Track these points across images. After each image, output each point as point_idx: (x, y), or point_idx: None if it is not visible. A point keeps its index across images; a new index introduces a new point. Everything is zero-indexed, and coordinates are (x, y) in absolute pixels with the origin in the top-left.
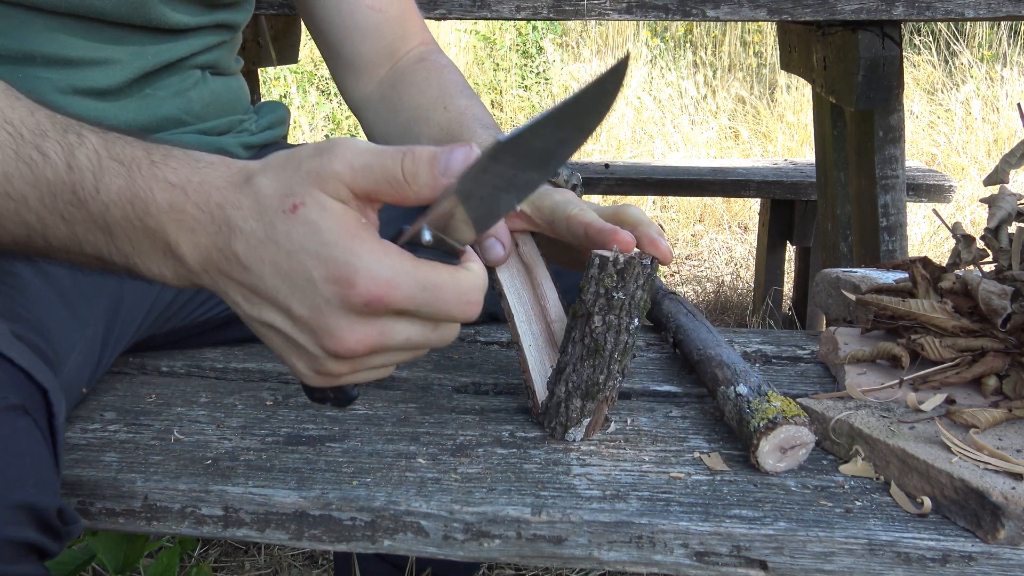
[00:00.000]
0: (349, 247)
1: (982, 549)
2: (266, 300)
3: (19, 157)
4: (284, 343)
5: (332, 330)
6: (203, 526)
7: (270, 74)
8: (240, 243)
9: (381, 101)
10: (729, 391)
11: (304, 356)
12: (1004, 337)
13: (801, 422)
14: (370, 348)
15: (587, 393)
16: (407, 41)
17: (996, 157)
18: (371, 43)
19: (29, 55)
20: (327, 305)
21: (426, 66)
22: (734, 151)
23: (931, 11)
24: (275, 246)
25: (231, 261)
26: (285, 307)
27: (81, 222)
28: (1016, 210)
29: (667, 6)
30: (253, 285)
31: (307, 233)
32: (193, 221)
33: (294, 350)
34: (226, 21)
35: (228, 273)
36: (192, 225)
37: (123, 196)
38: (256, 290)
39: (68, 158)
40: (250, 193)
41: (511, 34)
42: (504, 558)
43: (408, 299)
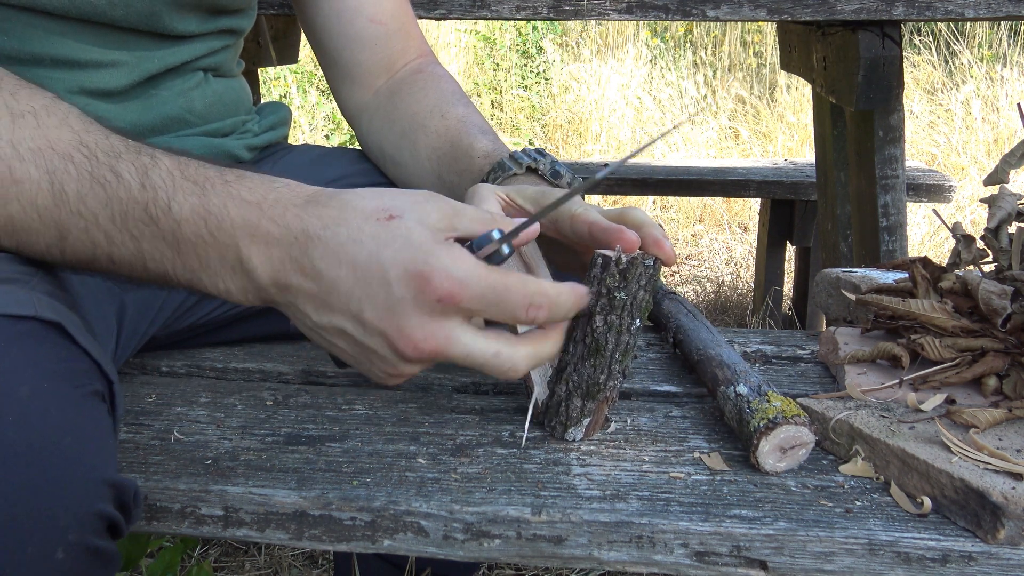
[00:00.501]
0: (430, 249)
1: (982, 549)
2: (337, 307)
3: (93, 178)
4: (354, 348)
5: (403, 329)
6: (203, 526)
7: (270, 74)
8: (318, 250)
9: (377, 111)
10: (729, 391)
11: (375, 359)
12: (1004, 337)
13: (801, 422)
14: (436, 350)
15: (587, 393)
16: (405, 53)
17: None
18: (369, 54)
19: (38, 57)
20: (400, 304)
21: (423, 77)
22: (734, 151)
23: (931, 11)
24: (357, 247)
25: (304, 271)
26: (357, 312)
27: (150, 239)
28: (1016, 210)
29: (667, 6)
30: (326, 292)
31: (394, 237)
32: (267, 235)
33: (364, 354)
34: (231, 27)
35: (299, 285)
36: (266, 239)
37: (196, 213)
38: (328, 298)
39: (142, 178)
40: (335, 205)
41: (511, 34)
42: (504, 558)
43: (478, 298)
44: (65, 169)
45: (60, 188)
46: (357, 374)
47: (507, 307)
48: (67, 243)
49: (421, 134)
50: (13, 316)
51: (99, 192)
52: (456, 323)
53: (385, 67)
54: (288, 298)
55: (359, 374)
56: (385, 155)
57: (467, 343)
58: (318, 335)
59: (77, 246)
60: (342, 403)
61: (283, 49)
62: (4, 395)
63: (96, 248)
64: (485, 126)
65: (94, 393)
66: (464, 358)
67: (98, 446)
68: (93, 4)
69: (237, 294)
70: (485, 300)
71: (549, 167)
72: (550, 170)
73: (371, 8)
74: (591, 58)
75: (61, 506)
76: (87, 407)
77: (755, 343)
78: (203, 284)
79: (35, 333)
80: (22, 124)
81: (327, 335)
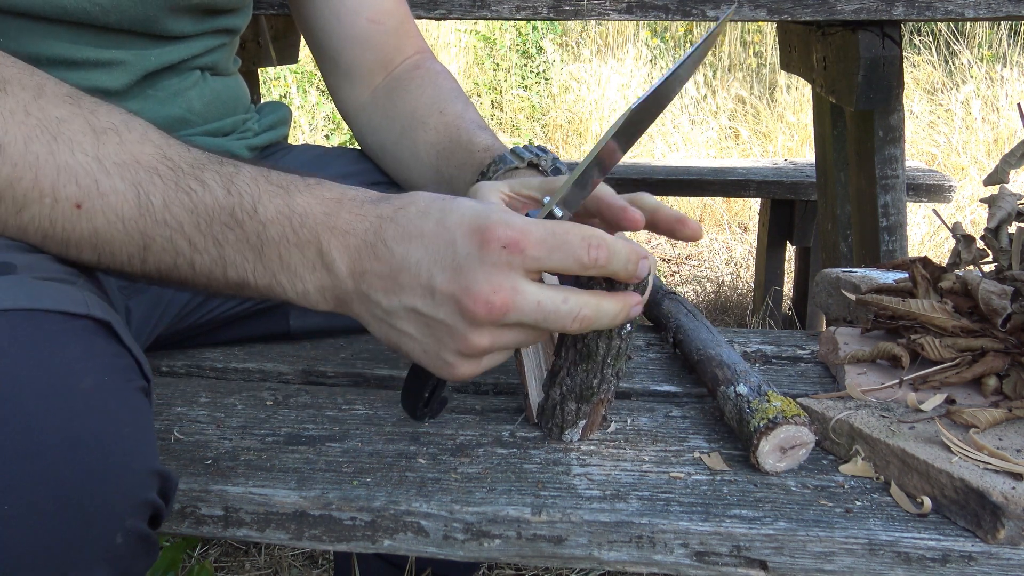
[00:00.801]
0: (490, 208)
1: (982, 549)
2: (406, 283)
3: (179, 187)
4: (424, 330)
5: (471, 287)
6: (203, 526)
7: (270, 74)
8: (390, 229)
9: (375, 108)
10: (729, 391)
11: (446, 337)
12: (1004, 337)
13: (801, 422)
14: (506, 303)
15: (581, 396)
16: (403, 51)
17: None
18: (369, 54)
19: (34, 58)
20: (467, 261)
21: (420, 73)
22: (734, 151)
23: (931, 11)
24: (425, 219)
25: (377, 251)
26: (427, 282)
27: (233, 243)
28: (1016, 210)
29: (667, 6)
30: (397, 270)
31: (458, 205)
32: (347, 224)
33: (433, 336)
34: (226, 26)
35: (373, 268)
36: (345, 228)
37: (282, 213)
38: (399, 275)
39: (227, 185)
40: (406, 196)
41: (511, 34)
42: (504, 558)
43: (540, 242)
44: (151, 180)
45: (146, 199)
46: (356, 373)
47: (569, 248)
48: (150, 252)
49: (420, 131)
50: (71, 314)
51: (184, 200)
52: (522, 275)
53: (383, 65)
54: (362, 288)
55: (357, 375)
56: (385, 152)
57: (536, 291)
58: (389, 326)
59: (160, 255)
60: (342, 403)
61: (283, 49)
62: (69, 387)
63: (178, 256)
64: (483, 123)
65: (140, 388)
66: (535, 308)
67: (149, 438)
68: (87, 11)
69: (315, 294)
70: (547, 244)
71: (551, 163)
72: (551, 166)
73: (370, 9)
74: (591, 58)
75: (120, 493)
76: (138, 401)
77: (755, 343)
78: (282, 287)
79: (90, 330)
80: (105, 140)
81: (397, 322)
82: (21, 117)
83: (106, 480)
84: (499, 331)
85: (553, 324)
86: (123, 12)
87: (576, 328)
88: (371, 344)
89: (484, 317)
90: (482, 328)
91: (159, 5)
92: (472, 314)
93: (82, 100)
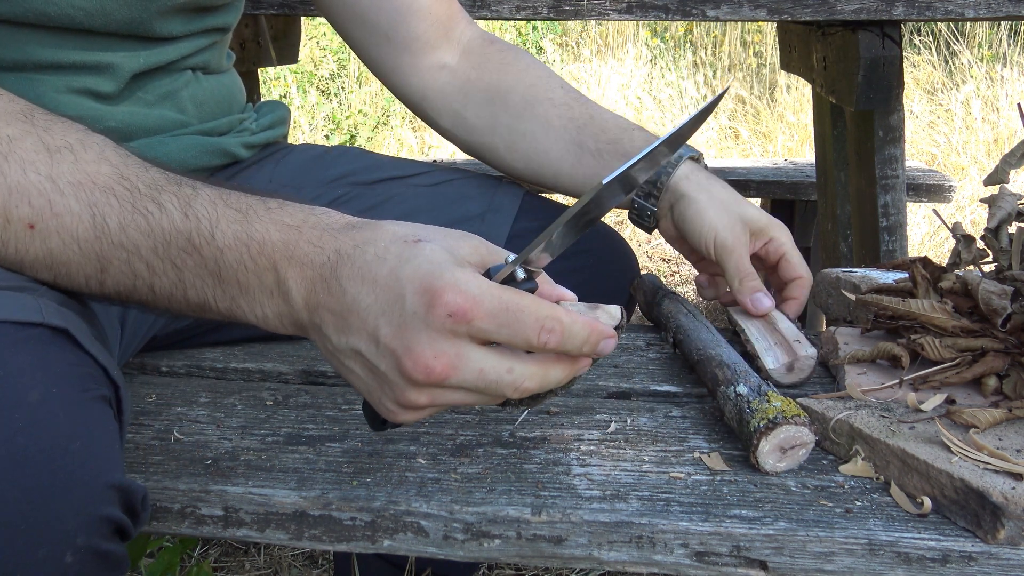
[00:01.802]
0: (446, 267)
1: (982, 549)
2: (354, 325)
3: (136, 209)
4: (367, 374)
5: (413, 347)
6: (203, 526)
7: (270, 74)
8: (345, 269)
9: (469, 85)
10: (729, 391)
11: (386, 386)
12: (1004, 337)
13: (801, 422)
14: (446, 369)
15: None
16: (455, 18)
17: (996, 157)
18: (427, 23)
19: (20, 63)
20: (412, 320)
21: (506, 47)
22: (734, 151)
23: (931, 11)
24: (380, 264)
25: (331, 287)
26: (373, 330)
27: (192, 268)
28: (1016, 210)
29: (667, 6)
30: (347, 311)
31: (415, 255)
32: (304, 256)
33: (376, 381)
34: (216, 25)
35: (326, 303)
36: (303, 259)
37: (239, 239)
38: (348, 316)
39: (184, 208)
40: (369, 228)
41: (511, 34)
42: (504, 558)
43: (490, 316)
44: (107, 202)
45: (102, 220)
46: None
47: (520, 328)
48: (107, 275)
49: (548, 105)
50: (21, 323)
51: (141, 223)
52: (467, 343)
53: (444, 33)
54: (316, 320)
55: None
56: (499, 126)
57: (479, 359)
58: (338, 361)
59: (118, 277)
60: (342, 403)
61: (283, 49)
62: (14, 400)
63: (137, 279)
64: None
65: (101, 398)
66: (476, 376)
67: (105, 450)
68: (70, 16)
69: (273, 320)
70: (497, 319)
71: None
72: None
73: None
74: (591, 58)
75: (70, 510)
76: (95, 412)
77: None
78: (242, 311)
79: (43, 338)
80: (59, 159)
81: (345, 359)
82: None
83: (52, 497)
84: (439, 391)
85: (494, 392)
86: (108, 16)
87: (518, 396)
88: None
89: (422, 380)
90: (420, 389)
91: (146, 8)
92: (410, 375)
93: (36, 117)
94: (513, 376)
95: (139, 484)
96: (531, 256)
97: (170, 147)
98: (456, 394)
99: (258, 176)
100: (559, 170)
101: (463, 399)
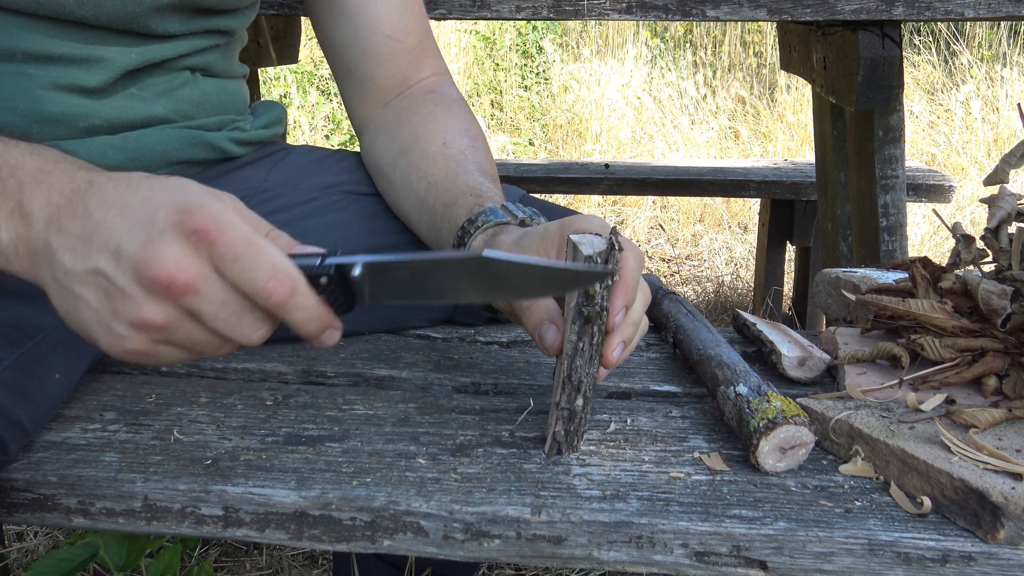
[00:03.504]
0: (204, 198)
1: (982, 549)
2: (96, 245)
3: None
4: (100, 297)
5: (157, 255)
6: (203, 526)
7: (270, 74)
8: (96, 194)
9: (382, 125)
10: (729, 391)
11: (121, 304)
12: (1004, 337)
13: (801, 422)
14: (188, 282)
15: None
16: (420, 71)
17: (996, 157)
18: (384, 70)
19: (9, 51)
20: (160, 234)
21: (434, 98)
22: (734, 151)
23: (931, 11)
24: (132, 192)
25: (76, 210)
26: (116, 245)
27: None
28: (1016, 210)
29: (667, 6)
30: (91, 229)
31: (173, 184)
32: (55, 181)
33: (109, 303)
34: (219, 27)
35: (69, 227)
36: (52, 184)
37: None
38: (91, 235)
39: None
40: (128, 173)
41: (511, 34)
42: (504, 558)
43: (232, 244)
44: None
45: None
46: (355, 373)
47: (252, 266)
48: None
49: (419, 156)
50: None
51: None
52: (212, 271)
53: (398, 83)
54: (53, 244)
55: (356, 375)
56: (380, 170)
57: (224, 292)
58: (66, 291)
59: None
60: (342, 403)
61: (283, 49)
62: None
63: None
64: (486, 164)
65: None
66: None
67: None
68: (61, 4)
69: (8, 245)
70: (237, 250)
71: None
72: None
73: (389, 25)
74: (591, 58)
75: None
76: None
77: (755, 343)
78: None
79: None
80: None
81: (76, 285)
82: None
83: None
84: (176, 316)
85: (224, 332)
86: (100, 7)
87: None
88: (371, 344)
89: (163, 289)
90: (159, 302)
91: (140, 2)
92: (152, 282)
93: None
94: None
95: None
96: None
97: (151, 139)
98: (190, 330)
99: (254, 175)
100: (410, 222)
101: (197, 338)
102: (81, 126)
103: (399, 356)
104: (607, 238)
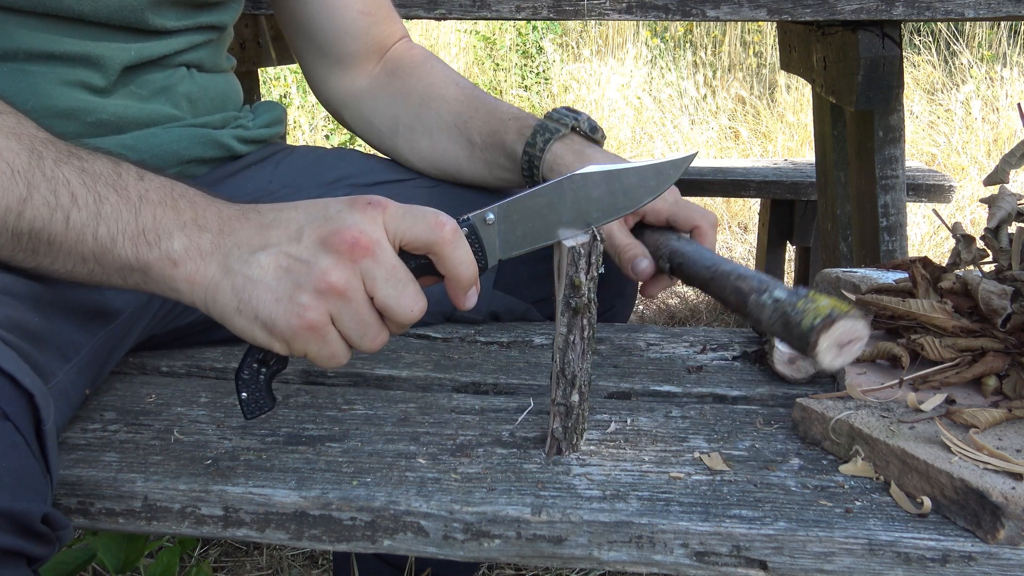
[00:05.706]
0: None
1: (982, 549)
2: (274, 234)
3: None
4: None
5: (339, 226)
6: (203, 526)
7: (270, 74)
8: (262, 208)
9: (381, 90)
10: (763, 299)
11: (304, 275)
12: (1004, 337)
13: (857, 316)
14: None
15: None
16: (392, 35)
17: (996, 157)
18: (362, 43)
19: (10, 51)
20: (337, 213)
21: (420, 53)
22: (734, 151)
23: (931, 11)
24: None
25: (250, 215)
26: (296, 230)
27: (113, 203)
28: (1016, 210)
29: (667, 6)
30: (267, 225)
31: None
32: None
33: (290, 278)
34: (211, 23)
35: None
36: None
37: (164, 185)
38: (268, 229)
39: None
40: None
41: (511, 34)
42: (504, 558)
43: (398, 206)
44: (44, 148)
45: (38, 157)
46: (355, 373)
47: (420, 217)
48: (29, 204)
49: (441, 102)
50: None
51: (75, 163)
52: (385, 239)
53: (377, 51)
54: (227, 243)
55: (356, 375)
56: (399, 130)
57: (394, 259)
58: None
59: (39, 207)
60: (342, 403)
61: (283, 49)
62: None
63: (56, 210)
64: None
65: None
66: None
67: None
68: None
69: (179, 251)
70: (403, 209)
71: (586, 123)
72: (587, 125)
73: (362, 1)
74: (591, 58)
75: None
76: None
77: (755, 343)
78: (148, 244)
79: None
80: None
81: (254, 269)
82: None
83: None
84: (355, 284)
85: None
86: (98, 1)
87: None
88: None
89: (347, 250)
90: (342, 263)
91: None
92: (336, 246)
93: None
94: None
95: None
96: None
97: (162, 138)
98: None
99: (258, 176)
100: (459, 166)
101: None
102: (89, 120)
103: (399, 356)
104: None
